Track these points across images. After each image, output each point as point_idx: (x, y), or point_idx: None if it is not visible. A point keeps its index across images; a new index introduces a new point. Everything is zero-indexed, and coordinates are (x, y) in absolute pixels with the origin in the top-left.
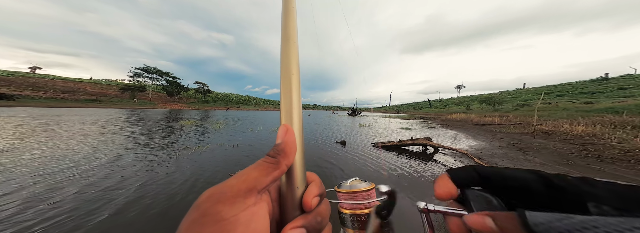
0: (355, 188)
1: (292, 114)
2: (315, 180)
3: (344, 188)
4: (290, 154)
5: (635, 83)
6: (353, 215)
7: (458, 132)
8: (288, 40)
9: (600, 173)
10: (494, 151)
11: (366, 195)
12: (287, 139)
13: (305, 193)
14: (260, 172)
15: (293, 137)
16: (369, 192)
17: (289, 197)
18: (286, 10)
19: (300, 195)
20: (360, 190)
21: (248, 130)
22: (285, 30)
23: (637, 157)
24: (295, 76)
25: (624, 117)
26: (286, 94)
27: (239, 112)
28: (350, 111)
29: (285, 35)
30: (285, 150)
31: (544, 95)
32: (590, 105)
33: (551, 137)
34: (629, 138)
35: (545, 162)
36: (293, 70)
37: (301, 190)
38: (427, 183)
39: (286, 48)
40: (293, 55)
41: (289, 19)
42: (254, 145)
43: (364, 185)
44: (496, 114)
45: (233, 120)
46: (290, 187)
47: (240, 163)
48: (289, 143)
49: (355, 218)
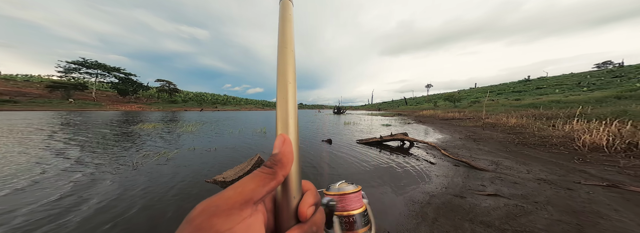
0: (343, 191)
1: (288, 123)
2: (311, 189)
3: (332, 191)
4: (287, 165)
5: (547, 83)
6: (341, 217)
7: (428, 127)
8: (285, 48)
9: (527, 156)
10: (455, 143)
11: (354, 198)
12: (284, 150)
13: (300, 202)
14: (257, 183)
15: (290, 147)
16: (357, 194)
17: (285, 207)
18: (283, 18)
19: (296, 204)
20: (348, 192)
21: (228, 132)
22: (283, 37)
23: (551, 142)
24: (291, 85)
25: (540, 110)
26: (283, 102)
27: (217, 112)
28: (335, 109)
29: (283, 42)
30: (282, 160)
31: (489, 93)
32: (519, 102)
33: (495, 128)
34: (544, 127)
35: (492, 150)
36: (289, 78)
37: (297, 200)
38: (404, 173)
39: (283, 55)
40: (290, 63)
41: (286, 26)
42: (236, 147)
43: (352, 187)
44: (456, 110)
45: (209, 121)
46: (286, 196)
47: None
48: (286, 153)
49: (343, 220)
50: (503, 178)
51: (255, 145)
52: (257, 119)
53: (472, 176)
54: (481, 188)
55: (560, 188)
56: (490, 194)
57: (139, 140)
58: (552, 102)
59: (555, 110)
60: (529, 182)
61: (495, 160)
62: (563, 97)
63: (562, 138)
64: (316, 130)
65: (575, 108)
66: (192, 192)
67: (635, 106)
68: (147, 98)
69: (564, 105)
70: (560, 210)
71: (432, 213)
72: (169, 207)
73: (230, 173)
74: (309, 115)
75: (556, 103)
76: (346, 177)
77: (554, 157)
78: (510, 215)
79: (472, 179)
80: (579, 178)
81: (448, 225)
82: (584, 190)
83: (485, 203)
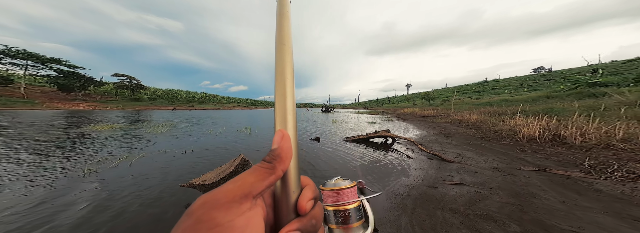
0: (339, 186)
1: (286, 119)
2: (310, 184)
3: (328, 187)
4: (286, 160)
5: (500, 85)
6: (337, 212)
7: (408, 124)
8: (283, 45)
9: (484, 148)
10: (429, 138)
11: (349, 192)
12: (283, 145)
13: (300, 197)
14: (256, 177)
15: (289, 142)
16: (352, 189)
17: (284, 201)
18: (280, 15)
19: (295, 199)
20: (344, 188)
21: (206, 132)
22: (280, 34)
23: (501, 135)
24: (290, 81)
25: (494, 108)
26: (281, 98)
27: (194, 112)
28: (323, 108)
29: (280, 39)
30: (281, 155)
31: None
32: (479, 100)
33: (460, 124)
34: (496, 123)
35: (458, 143)
36: (288, 75)
37: (296, 194)
38: (387, 169)
39: (281, 52)
40: (288, 60)
41: (283, 23)
42: (216, 148)
43: (347, 183)
44: (431, 108)
45: (184, 121)
46: (285, 191)
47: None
48: (285, 148)
49: (338, 214)
50: (466, 169)
51: (238, 146)
52: (241, 118)
53: (442, 167)
54: (449, 178)
55: (507, 175)
56: (456, 183)
57: (92, 144)
58: (503, 101)
59: (504, 108)
60: (485, 170)
61: (461, 153)
62: (510, 96)
63: (509, 132)
64: (305, 129)
65: (518, 106)
66: (164, 198)
67: (559, 104)
68: (102, 95)
69: (511, 104)
70: (508, 193)
71: (411, 205)
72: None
73: (210, 176)
74: (298, 114)
75: (505, 101)
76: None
77: (503, 147)
78: (471, 201)
79: (442, 170)
80: (519, 165)
81: (424, 214)
82: (523, 175)
83: (453, 191)
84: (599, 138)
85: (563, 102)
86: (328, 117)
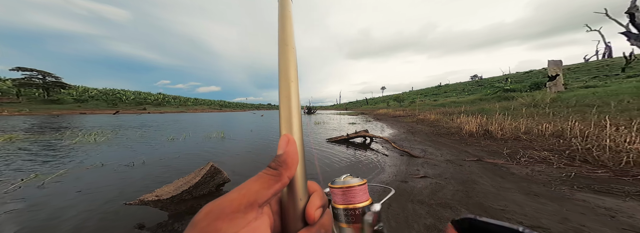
0: (348, 184)
1: (292, 123)
2: (317, 190)
3: (337, 184)
4: (292, 166)
5: (450, 89)
6: (347, 210)
7: (383, 124)
8: (286, 46)
9: (441, 143)
10: (400, 136)
11: (359, 190)
12: (289, 150)
13: (307, 205)
14: (261, 184)
15: (295, 147)
16: (362, 187)
17: (291, 209)
18: (282, 16)
19: (302, 207)
20: (353, 186)
21: (166, 140)
22: (283, 35)
23: (451, 132)
24: (294, 83)
25: (446, 108)
26: (285, 101)
27: (146, 116)
28: (306, 110)
29: (283, 40)
30: (287, 161)
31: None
32: (436, 102)
33: (424, 123)
34: (448, 121)
35: (422, 140)
36: (291, 77)
37: (304, 202)
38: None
39: (284, 53)
40: (291, 61)
41: (286, 24)
42: (177, 158)
43: (357, 180)
44: (401, 109)
45: (133, 127)
46: (292, 198)
47: (146, 187)
48: (291, 154)
49: (349, 212)
50: (429, 162)
51: (208, 153)
52: (212, 122)
53: (411, 163)
54: (416, 172)
55: (456, 165)
56: (422, 176)
57: None
58: (452, 102)
59: (453, 108)
60: (442, 163)
61: (424, 148)
62: (457, 99)
63: (456, 129)
64: None
65: (461, 107)
66: (94, 222)
67: (487, 105)
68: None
69: (457, 105)
70: (458, 182)
71: (387, 201)
72: None
73: (168, 189)
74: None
75: (454, 103)
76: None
77: (453, 142)
78: (433, 192)
79: (411, 165)
80: (464, 156)
81: (398, 208)
82: (467, 165)
83: (420, 184)
84: (511, 132)
85: (490, 103)
86: (311, 119)
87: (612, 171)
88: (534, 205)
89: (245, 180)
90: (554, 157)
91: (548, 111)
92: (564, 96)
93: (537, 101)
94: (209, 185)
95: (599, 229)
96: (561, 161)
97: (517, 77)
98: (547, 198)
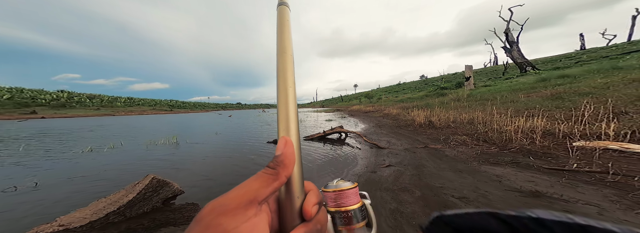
0: (340, 188)
1: (289, 126)
2: (313, 189)
3: (330, 188)
4: (289, 166)
5: (406, 87)
6: (339, 212)
7: (356, 119)
8: (284, 53)
9: (401, 134)
10: (370, 130)
11: (351, 193)
12: (286, 151)
13: (304, 202)
14: (260, 183)
15: (292, 148)
16: (353, 190)
17: (289, 207)
18: (281, 24)
19: (299, 204)
20: (345, 189)
21: (79, 152)
22: (281, 43)
23: (408, 124)
24: (291, 89)
25: (404, 104)
26: (283, 106)
27: (35, 122)
28: None
29: (282, 48)
30: (284, 161)
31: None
32: (397, 98)
33: (388, 117)
34: (406, 115)
35: (387, 133)
36: (289, 82)
37: (301, 200)
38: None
39: (283, 60)
40: (289, 68)
41: (284, 32)
42: (96, 174)
43: (348, 184)
44: (371, 105)
45: (19, 138)
46: (289, 197)
47: (43, 216)
48: (288, 154)
49: (341, 215)
50: (392, 152)
51: (150, 163)
52: (160, 125)
53: (379, 154)
54: (383, 162)
55: (411, 153)
56: (387, 166)
57: None
58: (408, 98)
59: (409, 104)
60: (402, 152)
61: (389, 140)
62: (411, 95)
63: (410, 121)
64: (260, 132)
65: (414, 102)
66: None
67: (431, 100)
68: None
69: (412, 100)
70: (413, 167)
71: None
72: None
73: (82, 214)
74: (251, 116)
75: (409, 99)
76: None
77: (409, 133)
78: (396, 179)
79: (379, 156)
80: (416, 144)
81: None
82: (419, 152)
83: (385, 173)
84: (445, 122)
85: (432, 99)
86: None
87: (498, 147)
88: (459, 179)
89: (207, 190)
90: (469, 140)
91: (465, 104)
92: (474, 93)
93: (459, 96)
94: (153, 201)
95: (492, 192)
96: (473, 142)
97: (448, 78)
98: (467, 173)
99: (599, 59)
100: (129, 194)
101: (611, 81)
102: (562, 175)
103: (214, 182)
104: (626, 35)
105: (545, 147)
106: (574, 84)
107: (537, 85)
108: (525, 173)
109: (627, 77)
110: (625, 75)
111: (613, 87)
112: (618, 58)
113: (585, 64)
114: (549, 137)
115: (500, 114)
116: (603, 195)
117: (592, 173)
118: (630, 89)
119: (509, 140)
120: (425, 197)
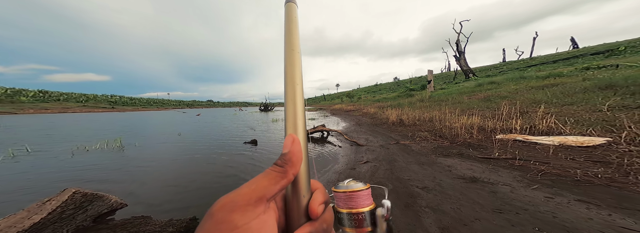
0: (352, 188)
1: (297, 124)
2: (320, 187)
3: (341, 189)
4: (297, 163)
5: (383, 87)
6: (350, 214)
7: (338, 118)
8: (292, 51)
9: (377, 132)
10: (350, 128)
11: (363, 195)
12: (293, 149)
13: (311, 200)
14: (269, 180)
15: (299, 146)
16: (366, 192)
17: (295, 205)
18: (289, 21)
19: (306, 203)
20: (357, 190)
21: None
22: (289, 40)
23: (383, 122)
24: (299, 86)
25: (381, 103)
26: (291, 104)
27: None
28: (262, 106)
29: (289, 45)
30: (292, 159)
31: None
32: (375, 98)
33: (367, 116)
34: (381, 113)
35: (366, 130)
36: (297, 80)
37: (307, 198)
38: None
39: (291, 58)
40: (297, 65)
41: (291, 29)
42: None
43: (360, 185)
44: (352, 104)
45: None
46: (296, 195)
47: None
48: (296, 152)
49: (352, 217)
50: (369, 149)
51: (76, 174)
52: (96, 125)
53: (358, 151)
54: (361, 158)
55: (385, 149)
56: (365, 162)
57: None
58: (384, 98)
59: (384, 103)
60: (378, 148)
61: (367, 137)
62: (387, 95)
63: (385, 119)
64: (236, 132)
65: (388, 102)
66: None
67: (402, 100)
68: None
69: (387, 100)
70: (386, 162)
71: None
72: None
73: None
74: (226, 115)
75: (385, 99)
76: None
77: (384, 130)
78: (372, 174)
79: (358, 153)
80: (389, 141)
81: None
82: (392, 147)
83: (363, 169)
84: (412, 120)
85: (403, 99)
86: (268, 116)
87: (449, 141)
88: (422, 171)
89: (162, 199)
90: (429, 136)
91: (427, 104)
92: (434, 94)
93: (423, 97)
94: (77, 220)
95: (445, 180)
96: (432, 138)
97: (415, 80)
98: (427, 165)
99: (513, 70)
100: (34, 215)
101: (519, 88)
102: (489, 162)
103: (176, 189)
104: (529, 52)
105: (480, 140)
106: (498, 89)
107: (475, 89)
108: (467, 162)
109: (528, 85)
110: (527, 83)
111: (520, 92)
112: (523, 70)
113: (505, 73)
114: (482, 131)
115: (451, 113)
116: (513, 177)
117: (506, 160)
118: (529, 94)
119: (457, 135)
120: (396, 190)
